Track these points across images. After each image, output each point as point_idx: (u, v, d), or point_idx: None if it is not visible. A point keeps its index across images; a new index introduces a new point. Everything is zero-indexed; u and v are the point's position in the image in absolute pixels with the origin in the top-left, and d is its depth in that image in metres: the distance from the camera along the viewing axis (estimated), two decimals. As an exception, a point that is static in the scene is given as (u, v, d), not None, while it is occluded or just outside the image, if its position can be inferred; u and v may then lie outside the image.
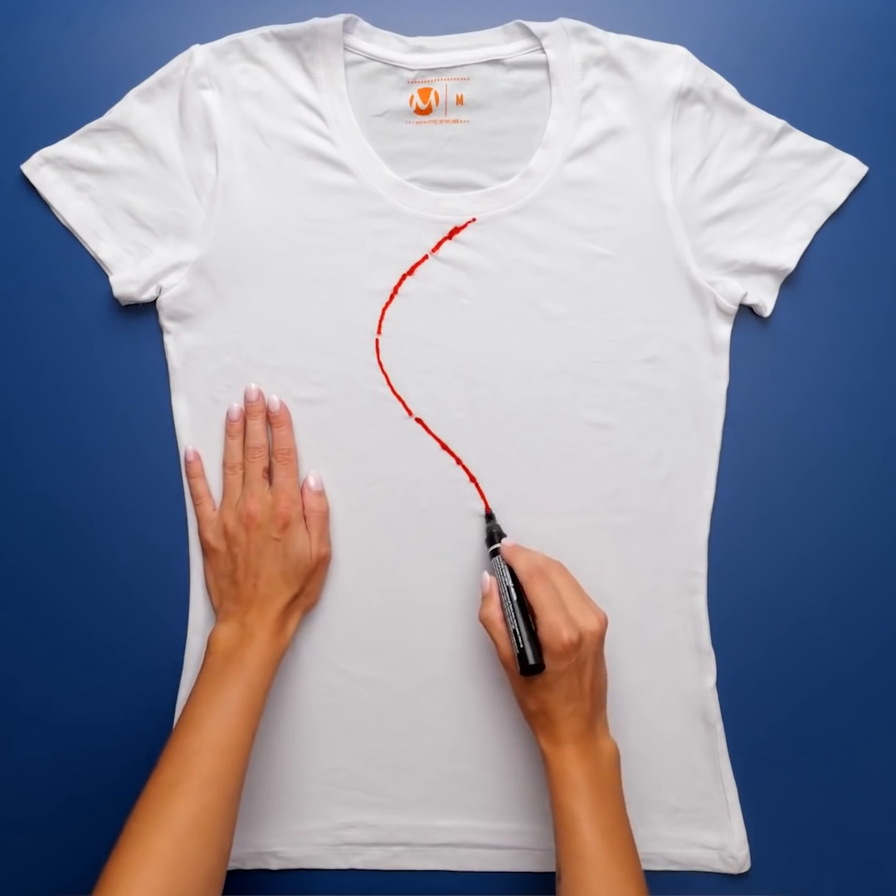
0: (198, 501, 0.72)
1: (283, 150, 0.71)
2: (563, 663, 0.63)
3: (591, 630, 0.64)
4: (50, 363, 0.73)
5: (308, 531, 0.70)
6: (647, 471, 0.71)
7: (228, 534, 0.70)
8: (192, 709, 0.64)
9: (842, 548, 0.73)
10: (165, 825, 0.59)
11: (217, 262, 0.71)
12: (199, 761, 0.61)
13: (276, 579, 0.68)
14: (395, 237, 0.71)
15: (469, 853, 0.72)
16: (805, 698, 0.73)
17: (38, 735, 0.73)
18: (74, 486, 0.73)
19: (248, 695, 0.65)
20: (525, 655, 0.63)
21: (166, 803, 0.60)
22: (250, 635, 0.67)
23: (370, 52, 0.71)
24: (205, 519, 0.71)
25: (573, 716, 0.64)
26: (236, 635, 0.67)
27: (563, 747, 0.64)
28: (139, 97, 0.71)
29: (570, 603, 0.65)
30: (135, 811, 0.60)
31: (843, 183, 0.72)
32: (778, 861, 0.72)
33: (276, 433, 0.71)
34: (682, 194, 0.71)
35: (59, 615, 0.73)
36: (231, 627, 0.68)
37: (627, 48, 0.70)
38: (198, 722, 0.63)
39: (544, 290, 0.71)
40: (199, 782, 0.61)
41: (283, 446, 0.71)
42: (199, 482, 0.72)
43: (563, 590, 0.65)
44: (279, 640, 0.68)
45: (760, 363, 0.73)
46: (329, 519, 0.71)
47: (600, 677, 0.66)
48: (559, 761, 0.64)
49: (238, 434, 0.71)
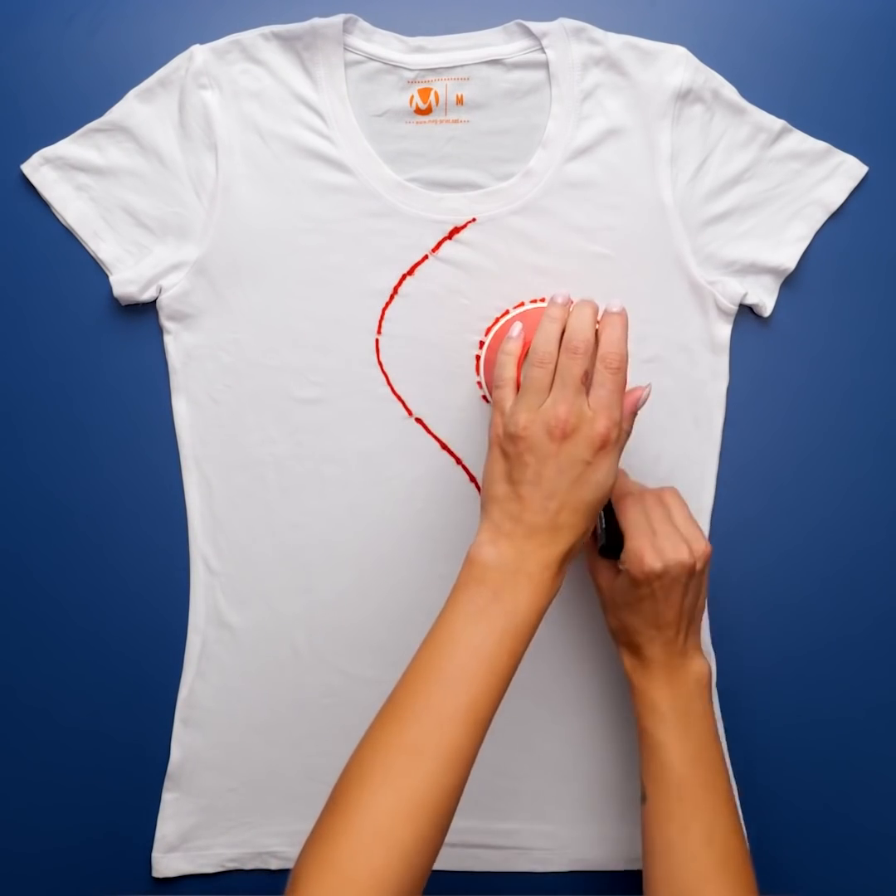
0: (502, 384, 0.61)
1: (283, 150, 0.71)
2: (643, 590, 0.61)
3: (678, 560, 0.60)
4: (50, 363, 0.73)
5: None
6: (647, 471, 0.71)
7: (525, 439, 0.57)
8: (449, 655, 0.54)
9: (842, 547, 0.73)
10: (408, 802, 0.51)
11: (217, 262, 0.71)
12: (453, 731, 0.53)
13: (581, 510, 0.57)
14: (395, 237, 0.71)
15: (469, 853, 0.72)
16: (805, 698, 0.73)
17: (37, 735, 0.73)
18: (74, 487, 0.73)
19: (512, 649, 0.55)
20: (598, 538, 0.63)
21: (410, 774, 0.52)
22: (528, 571, 0.56)
23: (370, 52, 0.71)
24: (504, 410, 0.59)
25: (656, 640, 0.62)
26: (511, 564, 0.56)
27: (648, 670, 0.62)
28: (139, 97, 0.71)
29: (661, 529, 0.61)
30: (367, 773, 0.52)
31: (843, 183, 0.72)
32: (778, 861, 0.72)
33: (609, 334, 0.59)
34: (682, 194, 0.71)
35: (58, 615, 0.73)
36: (504, 553, 0.57)
37: (627, 48, 0.70)
38: (458, 677, 0.53)
39: (544, 290, 0.71)
40: (450, 758, 0.52)
41: (614, 350, 0.58)
42: (512, 362, 0.61)
43: (656, 516, 0.62)
44: (556, 585, 0.58)
45: (760, 363, 0.73)
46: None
47: (691, 605, 0.62)
48: (643, 683, 0.62)
49: (558, 320, 0.60)
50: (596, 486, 0.58)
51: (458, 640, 0.55)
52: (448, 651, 0.55)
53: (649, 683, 0.62)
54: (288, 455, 0.72)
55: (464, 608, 0.56)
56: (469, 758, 0.53)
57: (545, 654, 0.71)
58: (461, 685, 0.54)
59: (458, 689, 0.54)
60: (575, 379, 0.57)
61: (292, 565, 0.72)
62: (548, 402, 0.58)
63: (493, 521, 0.58)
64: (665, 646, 0.62)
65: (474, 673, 0.54)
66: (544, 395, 0.58)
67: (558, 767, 0.72)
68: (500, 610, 0.55)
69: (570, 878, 0.72)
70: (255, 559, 0.72)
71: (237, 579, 0.72)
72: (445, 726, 0.53)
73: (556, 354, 0.59)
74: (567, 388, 0.57)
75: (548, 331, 0.59)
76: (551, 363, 0.58)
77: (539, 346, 0.59)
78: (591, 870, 0.72)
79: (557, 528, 0.57)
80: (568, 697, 0.72)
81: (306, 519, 0.72)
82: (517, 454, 0.58)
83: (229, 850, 0.73)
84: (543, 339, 0.59)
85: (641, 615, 0.62)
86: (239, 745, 0.72)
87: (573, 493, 0.57)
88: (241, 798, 0.72)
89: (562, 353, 0.58)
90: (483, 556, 0.57)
